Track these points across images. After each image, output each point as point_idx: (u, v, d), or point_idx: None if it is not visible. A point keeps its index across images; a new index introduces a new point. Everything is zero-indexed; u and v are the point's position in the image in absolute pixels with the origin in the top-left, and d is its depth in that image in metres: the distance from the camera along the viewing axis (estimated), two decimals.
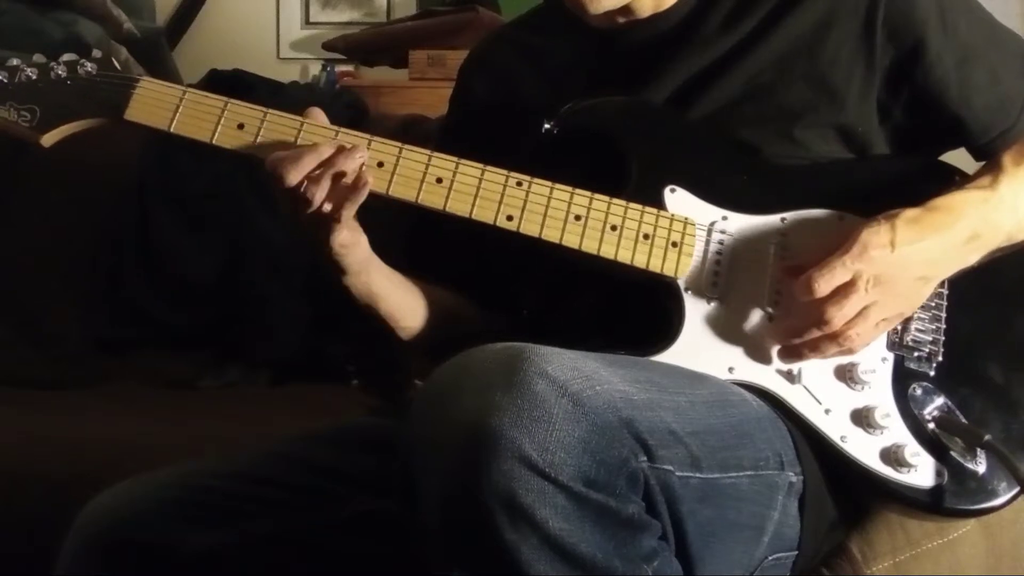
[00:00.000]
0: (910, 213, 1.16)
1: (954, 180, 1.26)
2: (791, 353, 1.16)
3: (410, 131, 2.33)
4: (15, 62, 1.18)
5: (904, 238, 1.14)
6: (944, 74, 1.24)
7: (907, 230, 1.14)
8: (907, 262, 1.14)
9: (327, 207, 1.13)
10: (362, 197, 1.14)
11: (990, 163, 1.25)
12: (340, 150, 1.13)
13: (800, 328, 1.14)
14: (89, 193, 2.35)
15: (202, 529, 1.19)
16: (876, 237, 1.13)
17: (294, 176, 1.12)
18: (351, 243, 1.17)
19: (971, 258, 1.19)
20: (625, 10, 1.27)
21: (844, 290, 1.12)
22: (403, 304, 1.28)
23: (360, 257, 1.20)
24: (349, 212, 1.14)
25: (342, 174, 1.13)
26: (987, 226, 1.19)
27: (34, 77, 1.17)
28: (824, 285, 1.11)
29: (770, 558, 1.13)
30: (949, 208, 1.18)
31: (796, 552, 1.15)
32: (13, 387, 2.14)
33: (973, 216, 1.18)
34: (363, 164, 1.14)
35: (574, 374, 0.95)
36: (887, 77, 1.24)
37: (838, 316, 1.12)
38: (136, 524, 1.19)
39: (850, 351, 1.15)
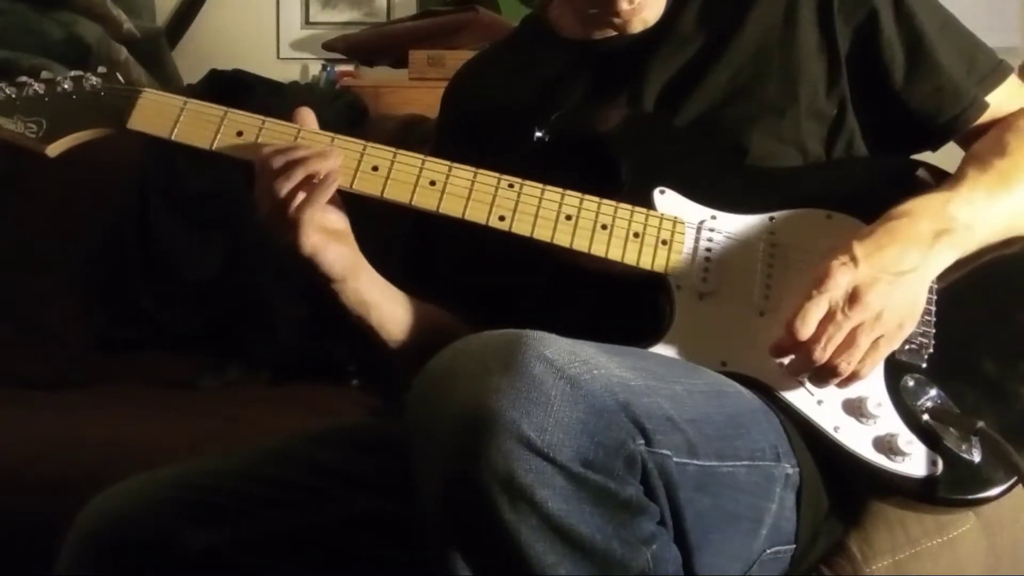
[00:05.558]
0: (865, 231, 1.18)
1: (936, 180, 1.28)
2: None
3: (410, 131, 2.34)
4: (23, 79, 1.22)
5: (863, 252, 1.14)
6: (893, 57, 1.28)
7: (864, 245, 1.15)
8: (876, 272, 1.14)
9: (291, 207, 1.14)
10: (322, 198, 1.14)
11: (955, 173, 1.27)
12: (320, 153, 1.15)
13: (798, 369, 1.15)
14: (90, 193, 2.35)
15: (202, 528, 1.19)
16: (836, 261, 1.14)
17: (276, 163, 1.14)
18: (322, 248, 1.17)
19: (946, 252, 1.19)
20: (618, 26, 1.31)
21: (824, 324, 1.12)
22: (395, 315, 1.28)
23: (344, 263, 1.20)
24: (310, 214, 1.15)
25: (314, 174, 1.14)
26: (954, 222, 1.19)
27: (41, 92, 1.22)
28: (805, 329, 1.11)
29: (768, 551, 1.13)
30: (906, 212, 1.19)
31: (794, 546, 1.16)
32: (13, 387, 2.15)
33: (934, 215, 1.19)
34: (333, 167, 1.16)
35: (572, 358, 0.95)
36: (851, 66, 1.28)
37: (821, 353, 1.12)
38: (136, 524, 1.19)
39: (856, 377, 1.14)
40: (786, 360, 1.15)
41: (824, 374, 1.14)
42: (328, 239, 1.18)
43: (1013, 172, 1.25)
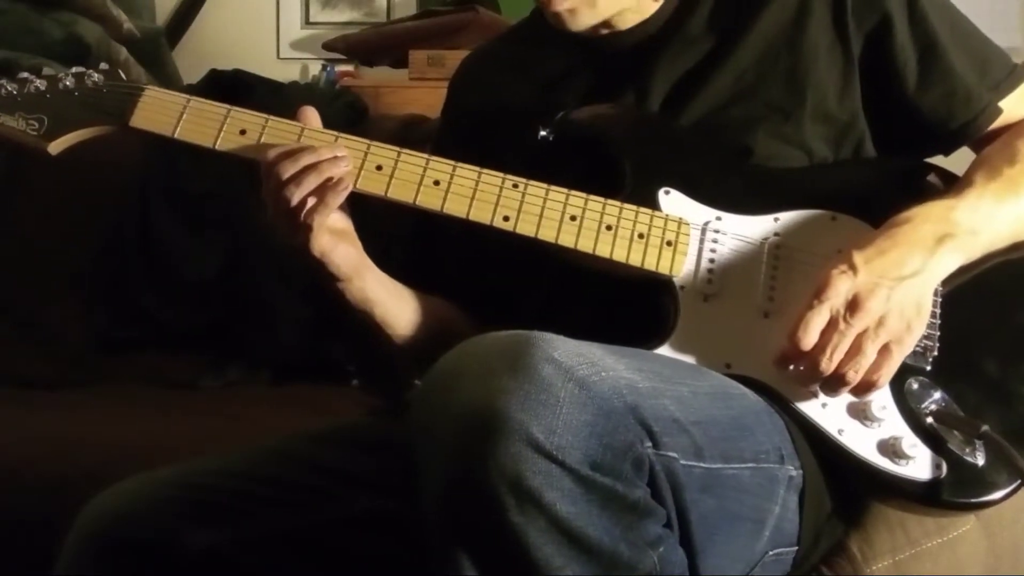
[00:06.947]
0: (866, 238, 1.17)
1: (944, 183, 1.27)
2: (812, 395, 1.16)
3: (410, 131, 2.33)
4: (24, 75, 1.21)
5: (862, 258, 1.14)
6: (906, 61, 1.27)
7: (864, 252, 1.15)
8: (876, 277, 1.13)
9: (303, 211, 1.14)
10: (334, 203, 1.14)
11: (962, 178, 1.26)
12: (333, 157, 1.15)
13: (806, 379, 1.15)
14: (91, 193, 2.35)
15: (202, 528, 1.19)
16: (836, 270, 1.14)
17: (287, 169, 1.13)
18: (330, 249, 1.17)
19: (949, 256, 1.18)
20: (606, 23, 1.29)
21: (827, 332, 1.12)
22: (399, 312, 1.28)
23: (350, 263, 1.20)
24: (322, 219, 1.14)
25: (328, 179, 1.14)
26: (957, 228, 1.19)
27: (43, 88, 1.20)
28: (808, 338, 1.11)
29: (771, 553, 1.13)
30: (909, 218, 1.19)
31: (796, 548, 1.16)
32: (13, 387, 2.14)
33: (937, 219, 1.18)
34: (345, 172, 1.15)
35: (580, 360, 0.95)
36: (863, 68, 1.27)
37: (827, 363, 1.12)
38: (136, 523, 1.19)
39: (873, 386, 1.14)
40: (793, 370, 1.14)
41: (833, 383, 1.13)
42: (336, 240, 1.18)
43: (1021, 179, 1.24)
